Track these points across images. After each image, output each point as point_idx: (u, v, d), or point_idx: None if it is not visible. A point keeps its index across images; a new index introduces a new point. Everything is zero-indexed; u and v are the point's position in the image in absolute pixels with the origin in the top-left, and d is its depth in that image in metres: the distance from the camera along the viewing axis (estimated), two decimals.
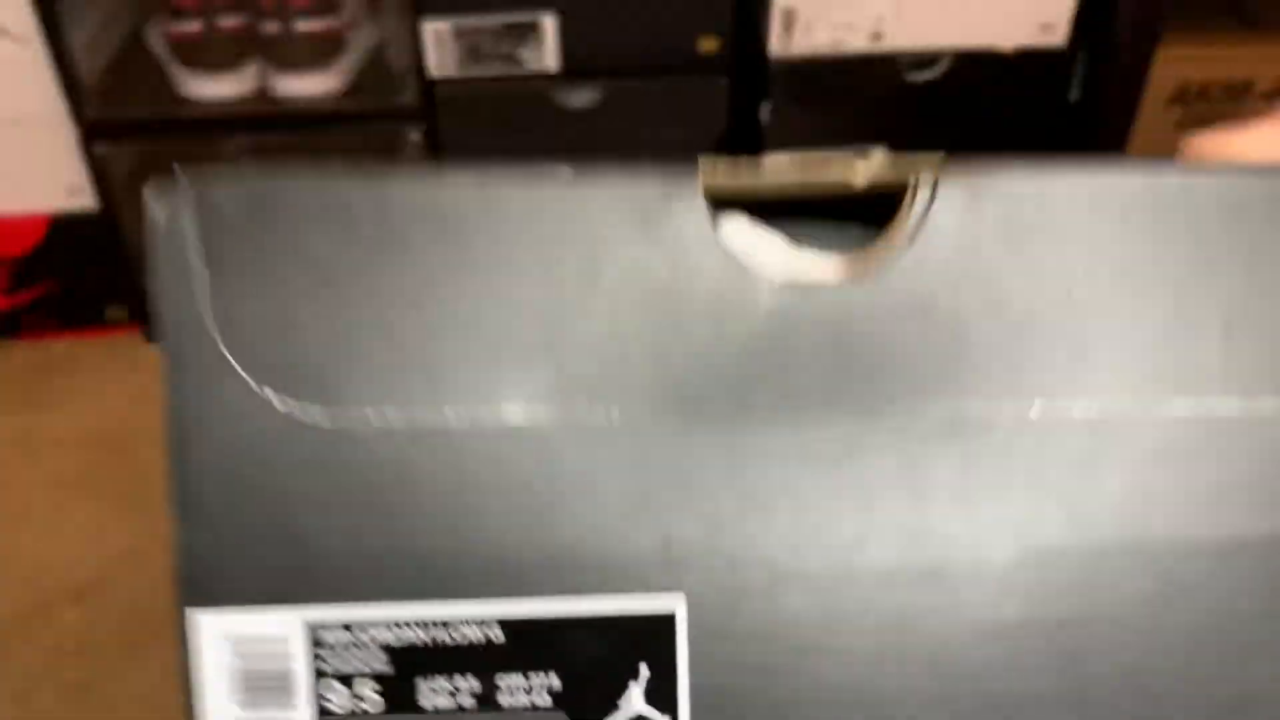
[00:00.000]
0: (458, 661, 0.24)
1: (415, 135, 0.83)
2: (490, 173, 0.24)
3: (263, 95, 0.82)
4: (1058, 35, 0.79)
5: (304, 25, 0.80)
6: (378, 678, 0.24)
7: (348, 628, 0.24)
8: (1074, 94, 0.81)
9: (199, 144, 0.84)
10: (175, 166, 0.23)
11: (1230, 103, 0.83)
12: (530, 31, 0.76)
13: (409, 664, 0.24)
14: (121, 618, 0.68)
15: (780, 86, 0.79)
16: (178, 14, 0.79)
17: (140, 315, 0.91)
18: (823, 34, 0.77)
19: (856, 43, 0.78)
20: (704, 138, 0.81)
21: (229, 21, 0.79)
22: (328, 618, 0.24)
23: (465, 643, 0.24)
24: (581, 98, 0.78)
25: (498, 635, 0.25)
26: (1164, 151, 0.89)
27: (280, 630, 0.24)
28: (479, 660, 0.24)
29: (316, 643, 0.24)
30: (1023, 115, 0.83)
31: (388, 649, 0.24)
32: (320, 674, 0.24)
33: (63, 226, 0.86)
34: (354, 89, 0.83)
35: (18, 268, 0.88)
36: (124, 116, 0.81)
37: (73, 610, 0.68)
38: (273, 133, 0.82)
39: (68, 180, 0.85)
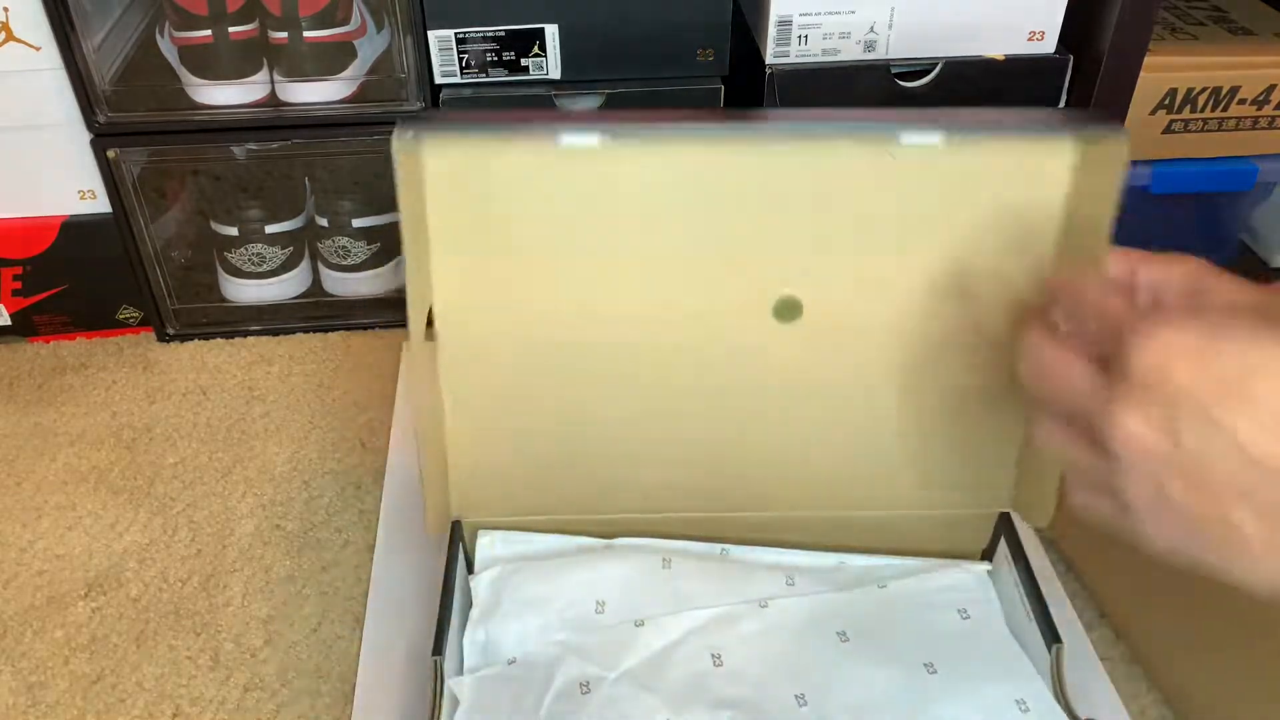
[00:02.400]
0: None
1: None
2: None
3: (272, 102, 0.83)
4: (1047, 43, 0.80)
5: (313, 34, 0.81)
6: None
7: None
8: (1063, 101, 0.82)
9: (209, 149, 0.85)
10: None
11: (1216, 109, 0.84)
12: (534, 41, 0.77)
13: None
14: (132, 611, 0.68)
15: (776, 94, 0.80)
16: (188, 22, 0.79)
17: (150, 316, 0.92)
18: (818, 44, 0.79)
19: (851, 52, 0.79)
20: None
21: (239, 30, 0.80)
22: None
23: None
24: (582, 104, 0.79)
25: None
26: (1151, 156, 0.90)
27: None
28: None
29: None
30: None
31: None
32: None
33: (75, 229, 0.87)
34: (361, 96, 0.84)
35: (31, 270, 0.89)
36: (135, 122, 0.82)
37: (84, 603, 0.68)
38: (281, 138, 0.84)
39: (80, 184, 0.86)
